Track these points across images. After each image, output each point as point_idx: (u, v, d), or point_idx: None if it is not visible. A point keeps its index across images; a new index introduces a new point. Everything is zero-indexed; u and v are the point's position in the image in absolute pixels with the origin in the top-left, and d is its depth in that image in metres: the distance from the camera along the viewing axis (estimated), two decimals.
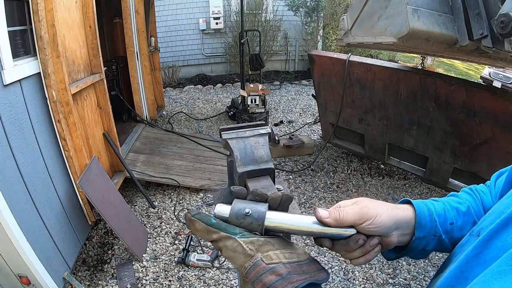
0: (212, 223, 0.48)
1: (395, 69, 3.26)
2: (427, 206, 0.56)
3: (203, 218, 0.49)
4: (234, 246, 0.47)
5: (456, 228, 0.56)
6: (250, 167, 0.61)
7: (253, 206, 0.49)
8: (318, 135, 4.90)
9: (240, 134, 0.65)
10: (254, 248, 0.46)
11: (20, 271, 1.87)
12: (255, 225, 0.48)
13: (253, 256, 0.46)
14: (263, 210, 0.49)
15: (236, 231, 0.48)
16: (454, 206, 0.58)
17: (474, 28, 1.79)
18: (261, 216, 0.49)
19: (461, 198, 0.61)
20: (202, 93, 7.12)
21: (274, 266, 0.45)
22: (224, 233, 0.48)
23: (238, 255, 0.47)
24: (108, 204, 2.55)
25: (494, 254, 0.40)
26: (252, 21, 7.44)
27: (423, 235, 0.54)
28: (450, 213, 0.57)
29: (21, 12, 2.04)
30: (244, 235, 0.48)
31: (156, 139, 4.27)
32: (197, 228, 0.49)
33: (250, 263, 0.45)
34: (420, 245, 0.55)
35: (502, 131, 2.67)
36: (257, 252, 0.46)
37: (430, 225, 0.54)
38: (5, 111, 1.80)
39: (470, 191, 0.63)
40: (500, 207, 0.46)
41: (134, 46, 4.49)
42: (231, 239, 0.47)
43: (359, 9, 2.26)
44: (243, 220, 0.48)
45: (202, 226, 0.48)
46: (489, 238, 0.42)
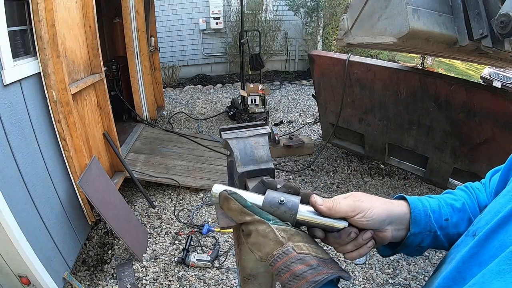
0: (247, 205, 0.48)
1: (395, 69, 3.26)
2: (422, 202, 0.56)
3: (239, 199, 0.48)
4: (266, 232, 0.46)
5: (451, 225, 0.56)
6: (250, 167, 0.61)
7: (287, 196, 0.49)
8: (318, 135, 4.90)
9: (240, 134, 0.65)
10: (286, 236, 0.46)
11: (20, 271, 1.87)
12: (288, 214, 0.48)
13: (283, 244, 0.45)
14: (297, 201, 0.49)
15: (269, 217, 0.47)
16: (449, 202, 0.58)
17: (474, 28, 1.79)
18: (295, 206, 0.49)
19: (456, 195, 0.61)
20: (202, 93, 7.12)
21: (305, 256, 0.44)
22: (258, 216, 0.47)
23: (268, 241, 0.46)
24: (108, 204, 2.55)
25: (491, 254, 0.39)
26: (252, 21, 7.44)
27: (418, 230, 0.54)
28: (445, 209, 0.57)
29: (21, 12, 2.04)
30: (277, 222, 0.47)
31: (156, 139, 4.27)
32: (231, 207, 0.48)
33: (279, 251, 0.45)
34: (415, 241, 0.55)
35: (502, 131, 2.67)
36: (288, 241, 0.46)
37: (425, 220, 0.54)
38: (5, 111, 1.80)
39: (465, 188, 0.63)
40: (496, 206, 0.46)
41: (134, 46, 4.49)
42: (264, 223, 0.47)
43: (359, 9, 2.26)
44: (277, 208, 0.48)
45: (237, 206, 0.48)
46: (486, 238, 0.42)
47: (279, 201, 0.48)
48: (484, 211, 0.50)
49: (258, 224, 0.47)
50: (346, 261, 2.57)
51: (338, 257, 2.60)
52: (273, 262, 0.45)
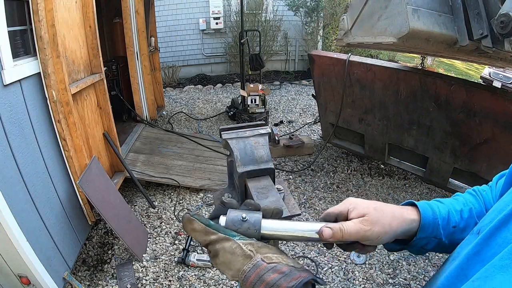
0: (211, 224, 0.48)
1: (395, 69, 3.26)
2: (432, 210, 0.57)
3: (201, 219, 0.48)
4: (233, 248, 0.46)
5: (458, 231, 0.57)
6: (250, 167, 0.61)
7: (248, 213, 0.50)
8: (318, 135, 4.90)
9: (240, 134, 0.65)
10: (253, 250, 0.46)
11: (20, 271, 1.87)
12: (252, 230, 0.48)
13: (252, 257, 0.45)
14: (259, 216, 0.50)
15: (234, 234, 0.48)
16: (458, 209, 0.59)
17: (474, 28, 1.79)
18: (257, 221, 0.49)
19: (466, 200, 0.62)
20: (202, 93, 7.12)
21: (276, 265, 0.44)
22: (222, 234, 0.47)
23: (236, 258, 0.45)
24: (108, 204, 2.55)
25: (494, 251, 0.40)
26: (252, 21, 7.44)
27: (424, 236, 0.55)
28: (454, 216, 0.58)
29: (21, 12, 2.04)
30: (242, 237, 0.47)
31: (156, 139, 4.27)
32: (195, 228, 0.48)
33: (249, 265, 0.44)
34: (419, 243, 0.56)
35: (502, 131, 2.67)
36: (256, 253, 0.45)
37: (432, 227, 0.55)
38: (5, 111, 1.80)
39: (473, 192, 0.64)
40: (500, 205, 0.46)
41: (134, 46, 4.49)
42: (229, 240, 0.46)
43: (359, 9, 2.26)
44: (240, 226, 0.48)
45: (201, 226, 0.48)
46: (489, 236, 0.42)
47: (241, 218, 0.48)
48: (489, 211, 0.50)
49: (224, 241, 0.47)
50: (346, 260, 2.57)
51: (337, 256, 2.60)
52: (246, 278, 0.44)
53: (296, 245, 2.75)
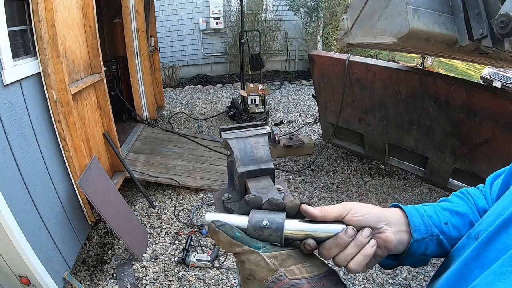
0: (236, 236, 0.48)
1: (395, 69, 3.26)
2: (416, 209, 0.56)
3: (227, 231, 0.48)
4: (258, 261, 0.47)
5: (452, 228, 0.55)
6: (250, 167, 0.61)
7: (270, 217, 0.49)
8: (318, 135, 4.90)
9: (240, 134, 0.65)
10: (277, 263, 0.47)
11: (20, 271, 1.87)
12: (274, 236, 0.48)
13: (276, 271, 0.46)
14: (281, 220, 0.49)
15: (259, 245, 0.48)
16: (445, 207, 0.58)
17: (474, 28, 1.79)
18: (279, 227, 0.48)
19: (452, 202, 0.61)
20: (202, 93, 7.12)
21: (297, 282, 0.45)
22: (247, 247, 0.48)
23: (261, 269, 0.47)
24: (108, 204, 2.55)
25: (494, 256, 0.39)
26: (252, 21, 7.44)
27: (420, 236, 0.53)
28: (442, 214, 0.56)
29: (21, 12, 2.04)
30: (267, 249, 0.48)
31: (156, 139, 4.27)
32: (221, 239, 0.48)
33: (272, 277, 0.46)
34: (419, 249, 0.54)
35: (502, 131, 2.67)
36: (280, 267, 0.46)
37: (424, 225, 0.53)
38: (5, 111, 1.80)
39: (461, 194, 0.63)
40: (498, 209, 0.46)
41: (134, 46, 4.49)
42: (254, 253, 0.47)
43: (359, 9, 2.26)
44: (262, 232, 0.48)
45: (226, 239, 0.48)
46: (488, 240, 0.42)
47: (262, 225, 0.48)
48: (486, 214, 0.49)
49: (249, 254, 0.48)
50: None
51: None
52: (269, 286, 0.46)
53: None
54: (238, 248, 0.48)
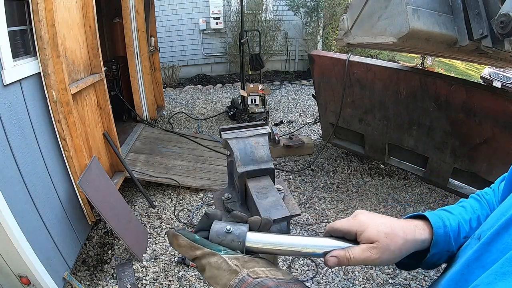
0: (196, 239, 0.47)
1: (395, 69, 3.26)
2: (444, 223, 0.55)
3: (187, 234, 0.48)
4: (219, 263, 0.45)
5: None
6: (250, 167, 0.61)
7: (233, 225, 0.49)
8: (318, 135, 4.90)
9: (240, 134, 0.65)
10: (239, 264, 0.45)
11: (20, 271, 1.86)
12: (236, 243, 0.48)
13: (238, 272, 0.44)
14: (244, 229, 0.49)
15: (220, 248, 0.47)
16: (467, 219, 0.58)
17: (474, 28, 1.79)
18: (242, 234, 0.48)
19: (472, 207, 0.61)
20: (202, 93, 7.12)
21: (262, 279, 0.43)
22: (208, 249, 0.47)
23: (222, 273, 0.45)
24: (108, 204, 2.55)
25: (495, 257, 0.39)
26: (252, 21, 7.44)
27: (436, 251, 0.54)
28: (464, 227, 0.56)
29: (21, 12, 2.04)
30: (228, 251, 0.47)
31: (156, 139, 4.27)
32: (181, 243, 0.47)
33: (235, 280, 0.43)
34: (431, 259, 0.55)
35: (502, 131, 2.67)
36: (242, 268, 0.44)
37: (444, 242, 0.54)
38: (5, 111, 1.80)
39: (478, 197, 0.63)
40: (501, 210, 0.45)
41: (134, 46, 4.49)
42: (215, 255, 0.46)
43: (359, 9, 2.26)
44: (224, 238, 0.48)
45: (186, 242, 0.47)
46: (490, 241, 0.42)
47: (225, 230, 0.48)
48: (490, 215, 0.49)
49: (209, 256, 0.46)
50: None
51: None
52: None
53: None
54: (199, 251, 0.47)
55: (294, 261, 2.58)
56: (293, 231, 2.89)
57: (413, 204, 3.31)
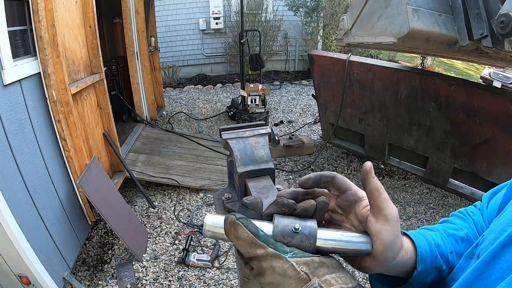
0: (260, 234, 0.38)
1: (395, 69, 3.26)
2: (425, 237, 0.51)
3: (249, 225, 0.38)
4: (284, 268, 0.37)
5: (456, 256, 0.52)
6: (250, 167, 0.61)
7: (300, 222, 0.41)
8: (318, 135, 4.90)
9: (240, 134, 0.65)
10: (309, 272, 0.38)
11: (20, 271, 1.87)
12: (306, 244, 0.40)
13: (308, 282, 0.37)
14: (314, 225, 0.41)
15: (286, 249, 0.39)
16: (450, 233, 0.54)
17: (474, 28, 1.80)
18: (312, 233, 0.40)
19: (456, 224, 0.57)
20: (202, 93, 7.12)
21: None
22: (272, 249, 0.38)
23: (288, 280, 0.37)
24: (108, 204, 2.55)
25: (498, 276, 0.36)
26: (252, 21, 7.44)
27: (424, 268, 0.48)
28: (447, 241, 0.53)
29: (21, 12, 2.04)
30: (295, 253, 0.39)
31: (156, 139, 4.27)
32: (240, 235, 0.38)
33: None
34: (418, 277, 0.49)
35: (502, 131, 2.67)
36: (313, 276, 0.37)
37: (431, 257, 0.49)
38: (5, 111, 1.80)
39: (461, 214, 0.59)
40: (500, 225, 0.42)
41: (134, 46, 4.49)
42: (280, 258, 0.38)
43: (359, 9, 2.27)
44: (292, 238, 0.40)
45: (247, 236, 0.38)
46: (491, 259, 0.38)
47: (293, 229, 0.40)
48: (486, 232, 0.45)
49: (273, 259, 0.38)
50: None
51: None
52: None
53: None
54: (261, 250, 0.38)
55: None
56: None
57: (413, 204, 3.31)
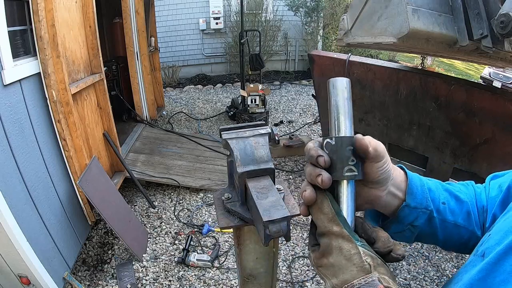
0: (340, 214, 0.40)
1: (395, 69, 3.26)
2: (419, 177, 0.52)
3: (333, 203, 0.41)
4: (351, 253, 0.39)
5: (448, 210, 0.52)
6: (250, 167, 0.61)
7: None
8: (318, 135, 4.90)
9: (240, 134, 0.65)
10: (372, 264, 0.38)
11: (20, 271, 1.87)
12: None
13: (369, 274, 0.38)
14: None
15: (357, 238, 0.41)
16: (446, 188, 0.54)
17: (474, 28, 1.80)
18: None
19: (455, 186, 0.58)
20: (202, 93, 7.12)
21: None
22: (347, 231, 0.40)
23: (350, 266, 0.38)
24: (108, 204, 2.55)
25: (503, 278, 0.36)
26: (252, 21, 7.44)
27: (414, 204, 0.49)
28: (442, 193, 0.53)
29: (21, 12, 2.04)
30: (364, 245, 0.40)
31: (156, 139, 4.27)
32: (324, 208, 0.40)
33: (362, 281, 0.37)
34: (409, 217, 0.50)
35: (502, 131, 2.67)
36: (374, 270, 0.38)
37: (421, 195, 0.50)
38: (5, 111, 1.80)
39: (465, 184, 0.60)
40: (506, 225, 0.42)
41: (134, 46, 4.49)
42: (351, 242, 0.39)
43: (359, 9, 2.27)
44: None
45: (330, 210, 0.40)
46: (497, 261, 0.38)
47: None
48: (492, 230, 0.46)
49: (344, 241, 0.39)
50: None
51: None
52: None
53: (296, 245, 2.75)
54: (337, 228, 0.39)
55: (294, 261, 2.58)
56: (293, 232, 2.89)
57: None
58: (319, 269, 0.41)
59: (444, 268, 2.54)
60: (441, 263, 2.60)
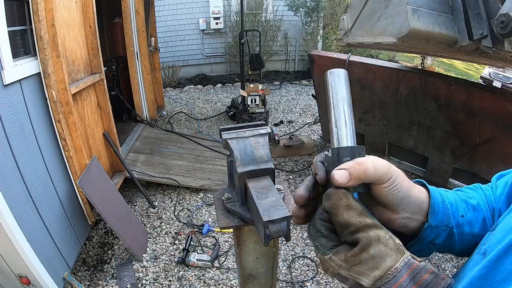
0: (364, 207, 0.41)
1: (395, 69, 3.26)
2: (440, 192, 0.50)
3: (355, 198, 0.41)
4: (387, 238, 0.39)
5: (466, 222, 0.51)
6: (250, 167, 0.60)
7: None
8: (318, 135, 4.90)
9: (240, 134, 0.65)
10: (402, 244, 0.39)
11: (20, 271, 1.87)
12: None
13: (404, 254, 0.38)
14: None
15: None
16: (463, 198, 0.53)
17: (474, 28, 1.80)
18: None
19: (469, 193, 0.56)
20: (202, 93, 7.12)
21: (425, 264, 0.38)
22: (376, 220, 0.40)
23: (389, 252, 0.38)
24: (108, 204, 2.55)
25: (503, 276, 0.36)
26: (252, 21, 7.44)
27: (435, 223, 0.48)
28: (460, 204, 0.52)
29: (21, 12, 2.04)
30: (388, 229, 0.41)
31: (156, 139, 4.27)
32: (352, 204, 0.40)
33: (402, 263, 0.37)
34: (430, 236, 0.49)
35: (502, 131, 2.67)
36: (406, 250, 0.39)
37: (443, 213, 0.48)
38: (5, 111, 1.80)
39: (473, 187, 0.59)
40: (509, 224, 0.42)
41: (134, 46, 4.49)
42: (383, 229, 0.39)
43: (359, 9, 2.27)
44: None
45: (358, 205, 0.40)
46: (498, 259, 0.38)
47: None
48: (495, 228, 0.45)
49: (378, 229, 0.39)
50: None
51: None
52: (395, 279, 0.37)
53: (296, 245, 2.74)
54: (369, 220, 0.39)
55: (294, 261, 2.58)
56: (293, 232, 2.89)
57: None
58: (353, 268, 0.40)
59: (444, 268, 2.54)
60: (441, 263, 2.60)
